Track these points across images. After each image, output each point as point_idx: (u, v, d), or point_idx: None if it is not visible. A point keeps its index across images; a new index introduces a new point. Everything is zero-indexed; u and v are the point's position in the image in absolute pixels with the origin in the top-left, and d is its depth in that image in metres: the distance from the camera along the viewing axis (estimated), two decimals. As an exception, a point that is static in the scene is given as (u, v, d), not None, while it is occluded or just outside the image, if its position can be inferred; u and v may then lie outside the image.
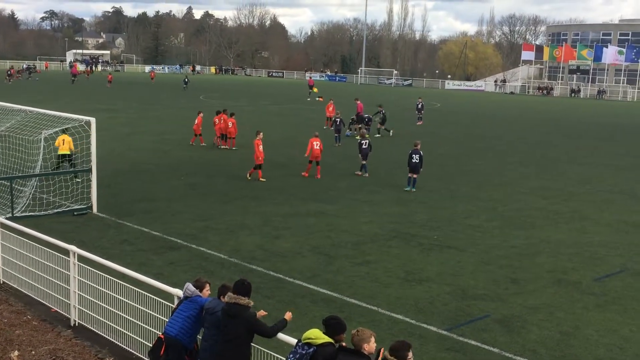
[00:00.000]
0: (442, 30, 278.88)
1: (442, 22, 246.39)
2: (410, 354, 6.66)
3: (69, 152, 21.99)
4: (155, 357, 8.30)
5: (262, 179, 23.16)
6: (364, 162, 25.21)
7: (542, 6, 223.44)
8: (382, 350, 6.73)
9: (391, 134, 37.69)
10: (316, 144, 24.11)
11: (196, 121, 31.85)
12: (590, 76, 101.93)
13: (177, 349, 8.18)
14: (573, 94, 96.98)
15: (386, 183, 23.80)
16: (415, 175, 22.51)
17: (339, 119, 34.37)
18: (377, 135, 36.58)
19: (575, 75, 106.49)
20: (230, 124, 30.68)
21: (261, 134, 23.84)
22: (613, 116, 62.18)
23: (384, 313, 11.73)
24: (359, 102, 39.63)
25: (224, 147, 30.76)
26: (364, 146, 25.15)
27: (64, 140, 21.89)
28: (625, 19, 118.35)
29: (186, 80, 77.78)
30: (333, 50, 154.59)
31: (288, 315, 7.97)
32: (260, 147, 23.29)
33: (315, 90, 71.72)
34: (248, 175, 23.46)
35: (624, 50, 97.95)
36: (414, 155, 22.32)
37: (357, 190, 22.30)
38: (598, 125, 51.42)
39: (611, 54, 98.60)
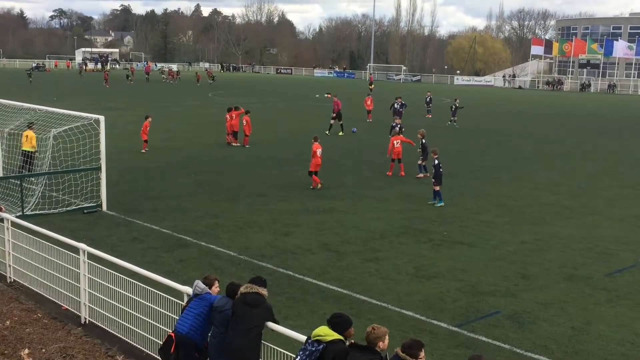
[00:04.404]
0: (452, 25, 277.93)
1: (452, 17, 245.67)
2: (422, 353, 6.62)
3: (31, 150, 20.51)
4: (166, 355, 8.29)
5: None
6: (424, 162, 24.05)
7: (553, 0, 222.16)
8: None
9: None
10: (397, 143, 23.82)
11: (142, 126, 28.43)
12: (601, 70, 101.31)
13: (187, 347, 8.17)
14: (583, 89, 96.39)
15: (394, 179, 23.71)
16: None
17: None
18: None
19: (585, 70, 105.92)
20: (244, 122, 30.70)
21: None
22: (624, 110, 61.80)
23: (394, 309, 11.69)
24: (336, 99, 37.24)
25: (235, 144, 30.77)
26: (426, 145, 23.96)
27: (27, 136, 20.52)
28: (635, 13, 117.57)
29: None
30: (341, 46, 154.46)
31: None
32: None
33: (371, 87, 71.80)
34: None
35: (635, 44, 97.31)
36: (440, 165, 19.83)
37: (364, 187, 22.24)
38: (608, 120, 51.14)
39: (621, 48, 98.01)
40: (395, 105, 40.75)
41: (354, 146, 31.68)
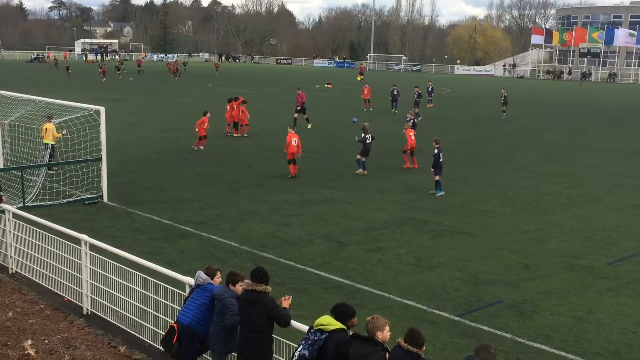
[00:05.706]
0: (452, 15, 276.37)
1: (452, 6, 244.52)
2: (424, 347, 6.65)
3: (52, 142, 20.70)
4: (168, 346, 8.32)
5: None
6: (364, 158, 22.78)
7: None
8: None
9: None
10: (412, 135, 24.07)
11: (201, 121, 27.39)
12: (601, 59, 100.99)
13: (189, 337, 8.19)
14: (584, 78, 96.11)
15: (394, 169, 23.71)
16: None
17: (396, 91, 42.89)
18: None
19: (585, 59, 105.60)
20: (240, 112, 30.83)
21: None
22: (624, 99, 61.65)
23: (396, 299, 11.71)
24: (300, 91, 36.18)
25: (235, 135, 30.83)
26: (367, 141, 22.70)
27: (46, 129, 20.69)
28: (636, 1, 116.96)
29: None
30: (341, 36, 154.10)
31: (287, 303, 7.96)
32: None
33: (359, 78, 71.38)
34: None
35: (635, 32, 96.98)
36: (441, 154, 19.78)
37: (365, 177, 22.23)
38: (609, 109, 51.02)
39: (622, 37, 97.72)
40: (395, 93, 43.72)
41: (354, 137, 31.53)
